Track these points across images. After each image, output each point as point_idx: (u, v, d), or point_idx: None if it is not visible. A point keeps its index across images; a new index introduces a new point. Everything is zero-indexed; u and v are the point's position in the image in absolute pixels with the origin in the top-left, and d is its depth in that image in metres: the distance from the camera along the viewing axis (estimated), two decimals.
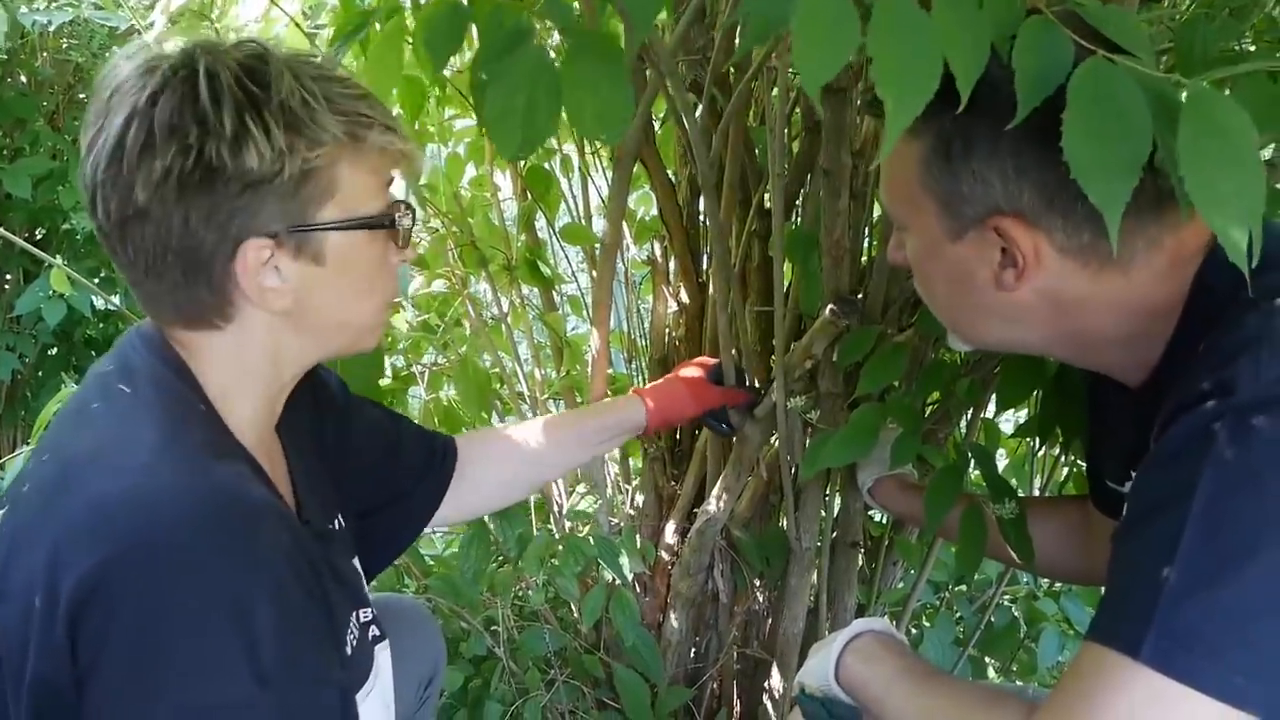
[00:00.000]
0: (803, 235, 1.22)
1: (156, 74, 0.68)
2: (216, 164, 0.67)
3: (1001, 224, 0.71)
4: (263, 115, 0.68)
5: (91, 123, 0.70)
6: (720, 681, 1.55)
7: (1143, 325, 0.74)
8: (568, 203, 1.69)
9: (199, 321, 0.73)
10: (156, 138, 0.66)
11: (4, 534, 0.68)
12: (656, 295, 1.62)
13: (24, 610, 0.63)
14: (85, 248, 3.21)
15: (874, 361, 1.14)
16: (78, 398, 0.75)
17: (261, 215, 0.69)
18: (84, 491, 0.65)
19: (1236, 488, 0.61)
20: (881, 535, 1.46)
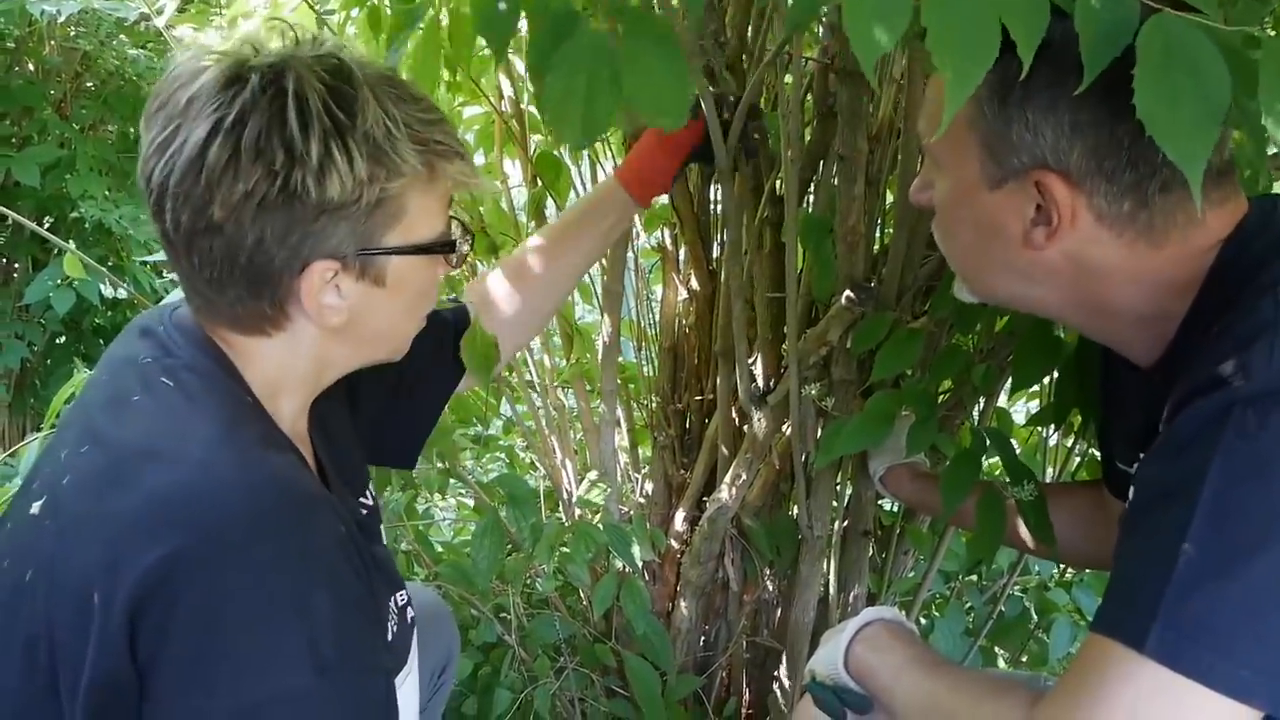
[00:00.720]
0: (816, 221, 1.21)
1: (243, 90, 0.66)
2: (299, 191, 0.67)
3: (1045, 179, 0.69)
4: (347, 145, 0.67)
5: (160, 124, 0.67)
6: (730, 670, 1.55)
7: (1162, 302, 0.72)
8: (578, 189, 1.68)
9: (251, 328, 0.73)
10: (241, 159, 0.65)
11: (49, 528, 0.67)
12: (666, 283, 1.61)
13: (80, 606, 0.62)
14: (94, 236, 3.21)
15: (888, 348, 1.13)
16: (112, 386, 0.74)
17: (333, 239, 0.69)
18: (140, 486, 0.64)
19: (1246, 478, 0.60)
20: (893, 524, 1.46)
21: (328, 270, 0.70)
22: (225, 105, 0.65)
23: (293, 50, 0.69)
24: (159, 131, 0.67)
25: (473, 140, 1.68)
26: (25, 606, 0.65)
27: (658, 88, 0.77)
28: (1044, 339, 1.08)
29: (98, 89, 3.38)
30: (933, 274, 1.22)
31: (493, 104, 1.56)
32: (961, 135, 0.73)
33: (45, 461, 0.74)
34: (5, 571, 0.68)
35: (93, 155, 3.18)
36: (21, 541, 0.69)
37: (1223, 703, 0.59)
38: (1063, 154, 0.68)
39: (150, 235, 3.18)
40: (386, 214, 0.71)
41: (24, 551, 0.68)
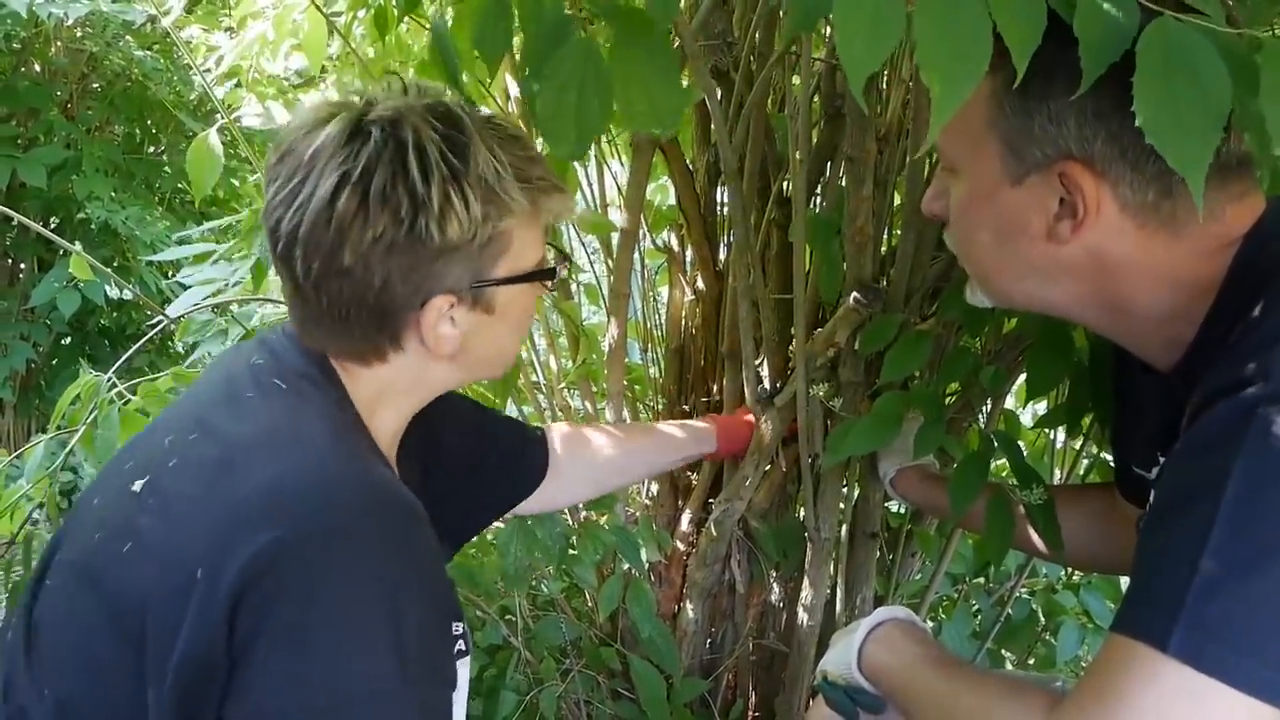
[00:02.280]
0: (824, 222, 1.21)
1: (367, 143, 0.71)
2: (423, 234, 0.72)
3: (1069, 169, 0.68)
4: (464, 189, 0.72)
5: (285, 175, 0.72)
6: (736, 673, 1.54)
7: (1182, 302, 0.71)
8: (584, 191, 1.68)
9: (367, 358, 0.78)
10: (370, 208, 0.70)
11: (151, 505, 0.70)
12: (673, 284, 1.61)
13: (182, 583, 0.64)
14: (100, 237, 3.22)
15: (897, 350, 1.12)
16: (225, 384, 0.78)
17: (451, 275, 0.75)
18: (252, 475, 0.67)
19: (1269, 479, 0.60)
20: (900, 526, 1.45)
21: (445, 304, 0.75)
22: (351, 158, 0.70)
23: (405, 100, 0.74)
24: (284, 183, 0.72)
25: None
26: (120, 579, 0.67)
27: (651, 93, 0.78)
28: (1058, 343, 1.07)
29: (104, 90, 3.39)
30: (941, 275, 1.22)
31: (499, 105, 1.56)
32: (980, 135, 0.72)
33: (143, 444, 0.78)
34: (100, 543, 0.71)
35: (99, 156, 3.19)
36: (119, 516, 0.71)
37: (1246, 702, 0.58)
38: (1087, 141, 0.68)
39: (157, 235, 3.18)
40: (497, 248, 0.76)
41: (121, 526, 0.70)
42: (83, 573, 0.71)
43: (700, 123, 1.46)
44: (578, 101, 0.78)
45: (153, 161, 3.52)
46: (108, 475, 0.79)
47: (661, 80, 0.78)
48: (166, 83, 3.23)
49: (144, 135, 3.57)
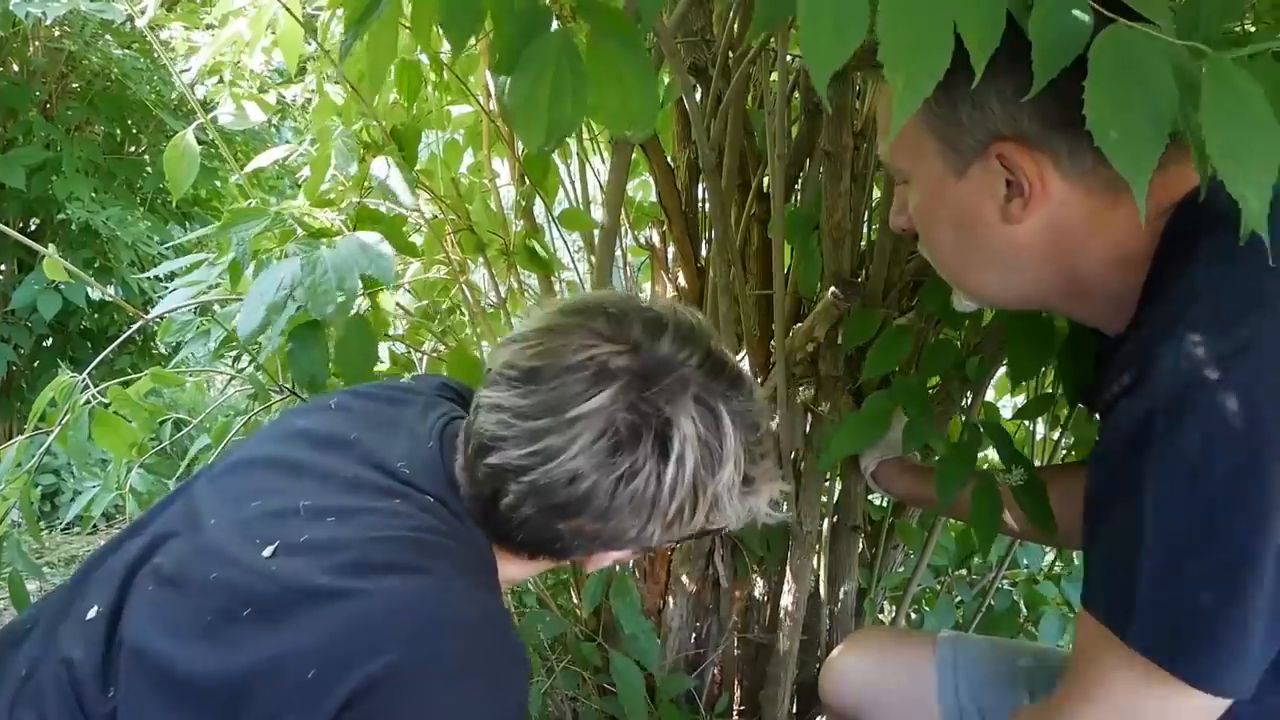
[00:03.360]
0: (802, 216, 1.21)
1: (636, 448, 0.69)
2: (643, 534, 0.73)
3: (1004, 150, 0.70)
4: (696, 505, 0.72)
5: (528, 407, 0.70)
6: (721, 667, 1.55)
7: (1126, 275, 0.73)
8: (566, 188, 1.68)
9: (513, 551, 0.77)
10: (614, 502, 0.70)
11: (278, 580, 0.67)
12: (655, 280, 1.61)
13: (293, 676, 0.63)
14: (80, 238, 3.19)
15: (879, 346, 1.13)
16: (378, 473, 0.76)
17: (637, 542, 0.75)
18: (387, 588, 0.66)
19: (1179, 484, 0.62)
20: (882, 519, 1.46)
21: (618, 554, 0.79)
22: (617, 453, 0.69)
23: (681, 379, 0.71)
24: (521, 416, 0.70)
25: (461, 140, 1.68)
26: (232, 643, 0.65)
27: (625, 95, 0.77)
28: (1038, 330, 1.08)
29: (84, 90, 3.36)
30: (920, 270, 1.23)
31: (480, 104, 1.56)
32: (917, 139, 0.74)
33: (274, 481, 0.76)
34: (216, 585, 0.68)
35: (79, 157, 3.17)
36: (240, 570, 0.69)
37: (1197, 695, 0.64)
38: (1014, 119, 0.69)
39: (138, 236, 3.16)
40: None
41: (242, 584, 0.68)
42: (185, 598, 0.69)
43: (681, 119, 1.46)
44: (551, 95, 0.77)
45: (134, 162, 3.49)
46: (226, 497, 0.76)
47: (636, 82, 0.78)
48: (147, 82, 3.21)
49: (125, 135, 3.54)
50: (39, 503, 2.96)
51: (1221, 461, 0.60)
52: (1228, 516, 0.61)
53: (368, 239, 1.12)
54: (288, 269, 1.10)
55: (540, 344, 0.72)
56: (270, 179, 3.23)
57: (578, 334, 0.71)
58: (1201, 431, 0.61)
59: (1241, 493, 0.60)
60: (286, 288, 1.10)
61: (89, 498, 1.61)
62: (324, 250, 1.11)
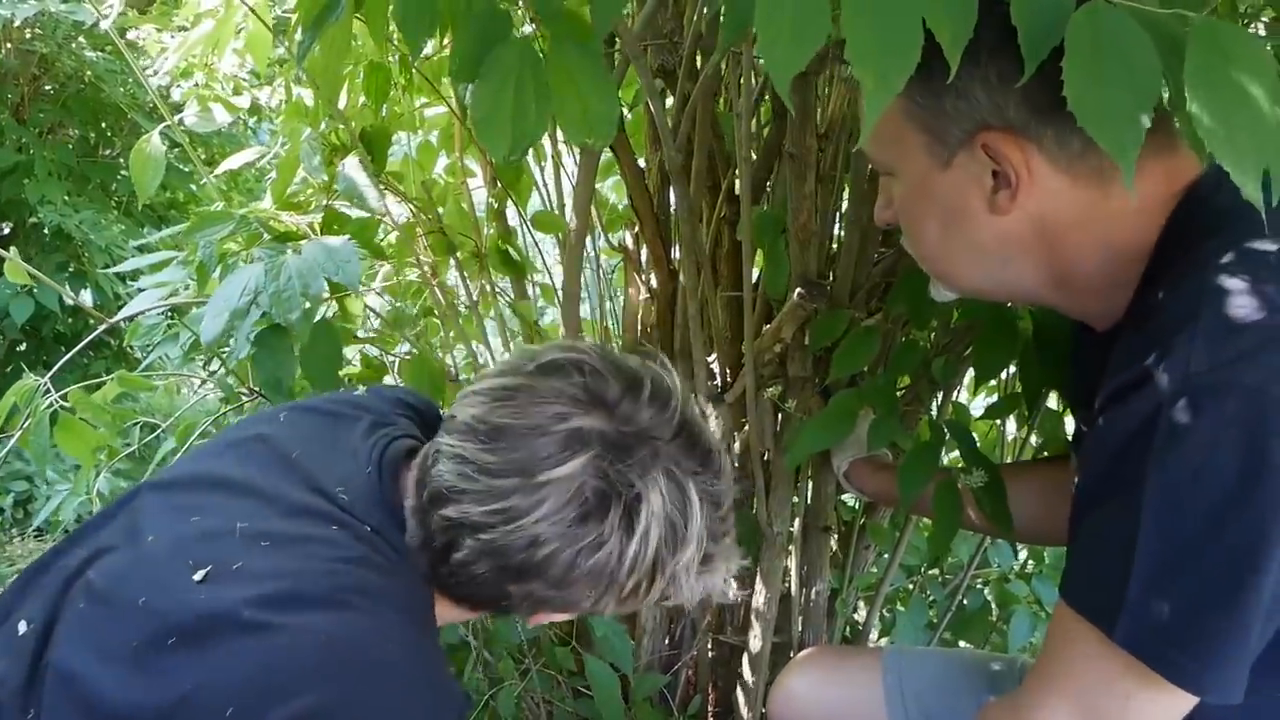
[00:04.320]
0: (770, 219, 1.22)
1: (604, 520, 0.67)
2: (597, 605, 0.71)
3: (990, 139, 0.68)
4: (655, 579, 0.70)
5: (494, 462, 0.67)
6: (695, 668, 1.55)
7: (1118, 268, 0.72)
8: (540, 191, 1.67)
9: (463, 601, 0.75)
10: (574, 571, 0.67)
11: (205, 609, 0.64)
12: (629, 282, 1.61)
13: (210, 713, 0.60)
14: (54, 242, 3.17)
15: (846, 346, 1.14)
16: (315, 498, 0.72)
17: (584, 604, 0.72)
18: (314, 626, 0.63)
19: (1181, 483, 0.62)
20: (853, 520, 1.47)
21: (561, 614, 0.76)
22: (583, 523, 0.66)
23: (655, 451, 0.68)
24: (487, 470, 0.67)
25: (435, 142, 1.68)
26: (157, 672, 0.63)
27: (584, 102, 0.76)
28: (1003, 328, 1.09)
29: (56, 92, 3.34)
30: (887, 271, 1.23)
31: (452, 107, 1.55)
32: (900, 131, 0.73)
33: (217, 502, 0.73)
34: (140, 614, 0.65)
35: (51, 160, 3.14)
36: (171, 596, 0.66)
37: (1175, 693, 0.64)
38: (1000, 108, 0.68)
39: (112, 239, 3.14)
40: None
41: (168, 613, 0.65)
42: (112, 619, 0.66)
43: (652, 122, 1.46)
44: (514, 102, 0.77)
45: (107, 165, 3.47)
46: (166, 512, 0.73)
47: (594, 89, 0.77)
48: (121, 85, 3.19)
49: (98, 138, 3.52)
50: (12, 509, 2.93)
51: (1227, 463, 0.60)
52: (1231, 518, 0.60)
53: (333, 243, 1.11)
54: (252, 274, 1.09)
55: (512, 402, 0.69)
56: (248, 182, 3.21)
57: (551, 395, 0.68)
58: (1209, 432, 0.60)
59: (1246, 496, 0.60)
60: (250, 293, 1.09)
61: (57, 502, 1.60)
62: (289, 256, 1.10)
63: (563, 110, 0.77)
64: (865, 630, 1.57)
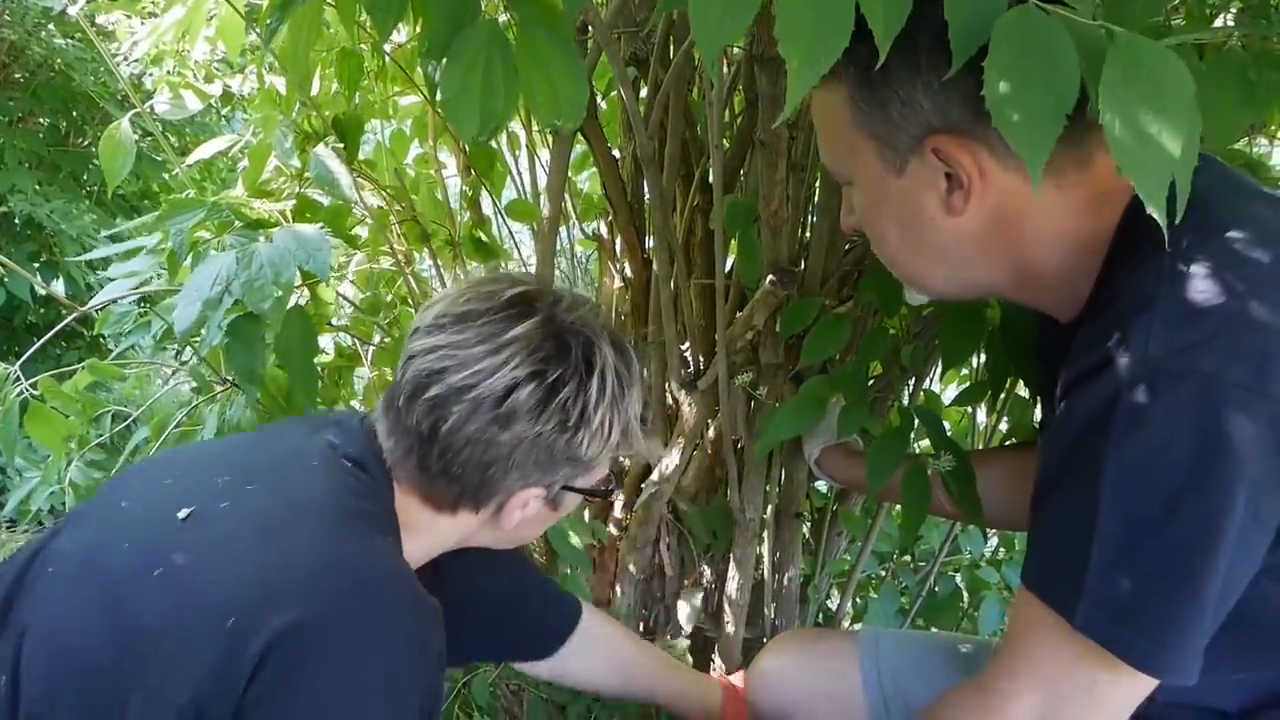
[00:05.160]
0: (742, 207, 1.22)
1: (566, 357, 0.78)
2: (572, 444, 0.80)
3: (939, 143, 0.70)
4: (614, 419, 0.81)
5: (463, 342, 0.77)
6: None
7: (1081, 259, 0.73)
8: (514, 180, 1.67)
9: (432, 503, 0.83)
10: (547, 409, 0.77)
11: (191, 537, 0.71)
12: (603, 271, 1.61)
13: (212, 626, 0.65)
14: (24, 231, 3.13)
15: (816, 333, 1.15)
16: (294, 447, 0.82)
17: (557, 476, 0.83)
18: (306, 544, 0.71)
19: (1138, 467, 0.63)
20: (825, 507, 1.48)
21: (536, 494, 0.84)
22: (546, 361, 0.77)
23: (595, 318, 0.82)
24: (460, 347, 0.77)
25: (408, 131, 1.67)
26: (141, 599, 0.68)
27: (553, 84, 0.77)
28: (969, 316, 1.10)
29: (26, 80, 3.29)
30: (858, 259, 1.24)
31: (426, 95, 1.55)
32: (852, 141, 0.75)
33: (189, 467, 0.80)
34: (128, 554, 0.71)
35: (22, 148, 3.11)
36: (153, 536, 0.72)
37: (1136, 676, 0.65)
38: (943, 111, 0.69)
39: (83, 229, 3.10)
40: (595, 465, 0.85)
41: (154, 547, 0.70)
42: (93, 570, 0.71)
43: (625, 110, 1.46)
44: (483, 84, 0.77)
45: (79, 154, 3.43)
46: (140, 482, 0.80)
47: (563, 72, 0.78)
48: (92, 73, 3.15)
49: (70, 127, 3.48)
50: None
51: (1184, 446, 0.61)
52: (1187, 502, 0.61)
53: (305, 231, 1.11)
54: (223, 264, 1.09)
55: (468, 296, 0.80)
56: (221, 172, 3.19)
57: (503, 285, 0.81)
58: (1166, 417, 0.61)
59: (1203, 478, 0.61)
60: (222, 283, 1.09)
61: (27, 489, 1.59)
62: (260, 244, 1.09)
63: (531, 92, 0.77)
64: (838, 617, 1.58)
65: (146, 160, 3.11)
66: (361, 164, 1.42)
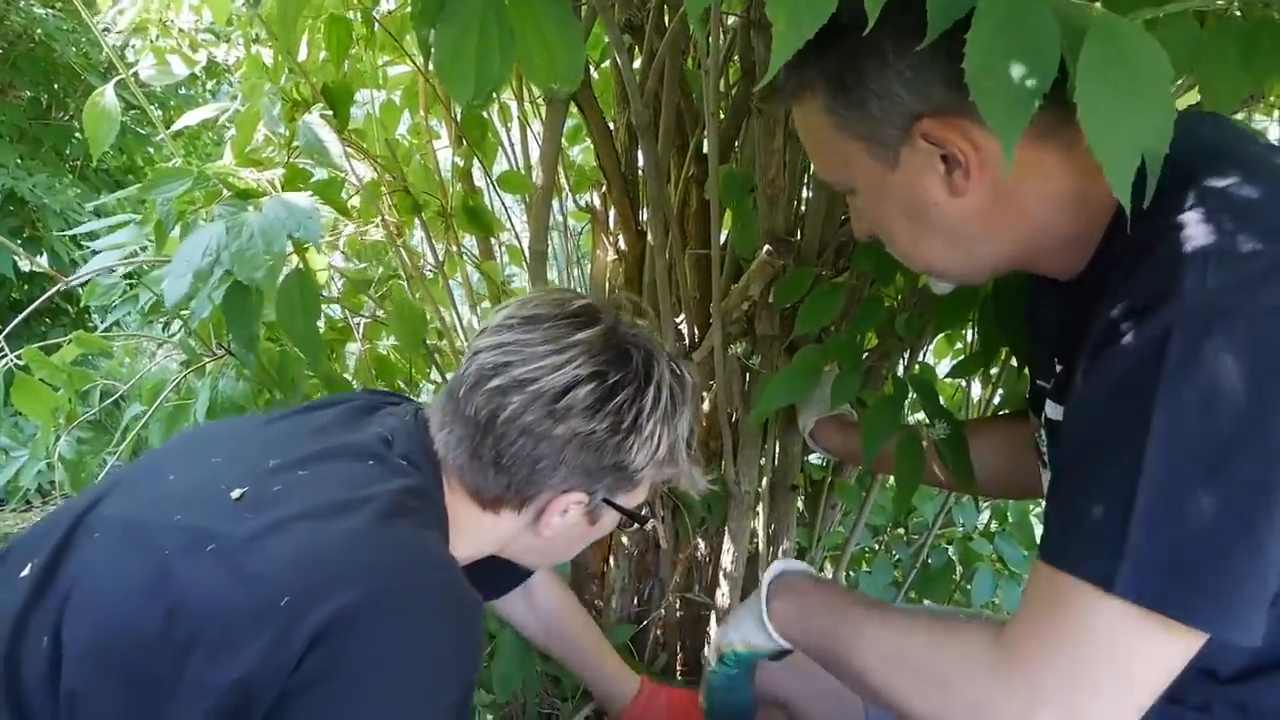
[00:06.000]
0: (738, 177, 1.21)
1: (627, 364, 0.81)
2: (622, 449, 0.82)
3: (925, 128, 0.69)
4: (665, 433, 0.84)
5: (531, 340, 0.81)
6: (664, 628, 1.56)
7: (1084, 217, 0.72)
8: (506, 152, 1.65)
9: (484, 499, 0.84)
10: (603, 410, 0.80)
11: (248, 521, 0.71)
12: (596, 243, 1.60)
13: (264, 605, 0.65)
14: (6, 206, 3.09)
15: (811, 302, 1.14)
16: (350, 437, 0.83)
17: (602, 484, 0.85)
18: (362, 531, 0.71)
19: (1190, 413, 0.60)
20: (822, 479, 1.48)
21: (578, 500, 0.85)
22: (608, 365, 0.80)
23: (654, 337, 0.86)
24: (527, 345, 0.80)
25: (398, 101, 1.65)
26: (192, 572, 0.68)
27: (549, 48, 0.76)
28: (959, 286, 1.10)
29: (6, 52, 3.24)
30: None
31: (416, 64, 1.52)
32: (840, 147, 0.75)
33: (235, 447, 0.82)
34: (179, 526, 0.71)
35: (3, 122, 3.06)
36: (207, 511, 0.72)
37: (1189, 633, 0.61)
38: (923, 96, 0.68)
39: (66, 204, 3.06)
40: (638, 483, 0.87)
41: (208, 521, 0.71)
42: (141, 539, 0.71)
43: (620, 79, 1.45)
44: (478, 47, 0.76)
45: (61, 128, 3.38)
46: (185, 456, 0.82)
47: (558, 35, 0.77)
48: (74, 44, 3.10)
49: (51, 100, 3.43)
50: None
51: (1241, 386, 0.58)
52: (1243, 444, 0.58)
53: (295, 200, 1.09)
54: (212, 234, 1.07)
55: (536, 302, 0.84)
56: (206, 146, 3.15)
57: (570, 296, 0.84)
58: (1223, 353, 0.58)
59: (1260, 420, 0.58)
60: (213, 253, 1.07)
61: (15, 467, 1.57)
62: (249, 214, 1.08)
63: (527, 55, 0.76)
64: None
65: (131, 134, 3.07)
66: (351, 133, 1.40)
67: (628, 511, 0.89)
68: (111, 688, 0.65)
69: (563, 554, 0.99)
